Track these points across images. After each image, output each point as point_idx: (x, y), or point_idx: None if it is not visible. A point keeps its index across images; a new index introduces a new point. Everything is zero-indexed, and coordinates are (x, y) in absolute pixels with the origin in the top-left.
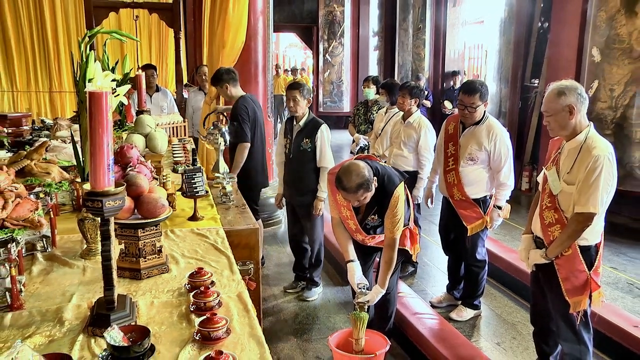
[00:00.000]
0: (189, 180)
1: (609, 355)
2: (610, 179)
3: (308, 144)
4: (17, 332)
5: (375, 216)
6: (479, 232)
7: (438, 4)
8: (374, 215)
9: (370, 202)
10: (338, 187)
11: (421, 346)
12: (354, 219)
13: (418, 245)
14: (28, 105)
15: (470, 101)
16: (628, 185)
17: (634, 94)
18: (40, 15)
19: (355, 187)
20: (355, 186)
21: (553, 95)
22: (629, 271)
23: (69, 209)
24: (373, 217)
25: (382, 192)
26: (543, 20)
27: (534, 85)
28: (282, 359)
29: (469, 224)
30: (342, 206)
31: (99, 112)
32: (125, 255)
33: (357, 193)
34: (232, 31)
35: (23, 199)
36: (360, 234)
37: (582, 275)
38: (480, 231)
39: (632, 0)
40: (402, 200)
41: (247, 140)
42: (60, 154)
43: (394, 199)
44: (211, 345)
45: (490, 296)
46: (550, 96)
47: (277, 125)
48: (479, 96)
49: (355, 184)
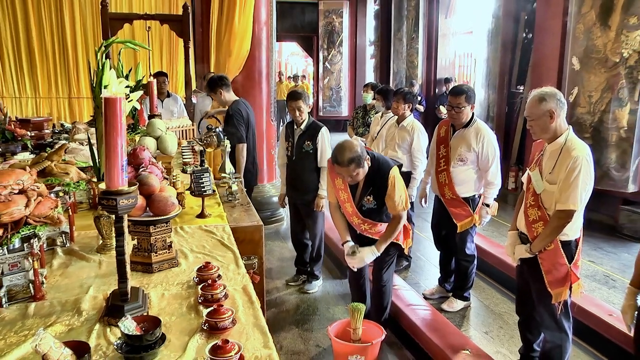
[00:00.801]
0: (197, 180)
1: (587, 341)
2: (588, 178)
3: (310, 146)
4: (40, 320)
5: (371, 197)
6: (468, 229)
7: (430, 15)
8: (369, 196)
9: (366, 182)
10: (333, 162)
11: (415, 335)
12: (350, 201)
13: (410, 239)
14: (49, 110)
15: (457, 102)
16: (605, 185)
17: (609, 100)
18: (62, 27)
19: (347, 160)
20: (347, 160)
21: (535, 101)
22: (605, 264)
23: (86, 207)
24: (368, 199)
25: (377, 173)
26: (527, 31)
27: (520, 91)
28: (285, 347)
29: (459, 222)
30: (339, 190)
31: (113, 117)
32: (138, 250)
33: (349, 167)
34: (238, 40)
35: (44, 198)
36: (357, 216)
37: (563, 268)
38: (469, 228)
39: (606, 15)
40: (399, 181)
41: (243, 141)
42: (78, 155)
43: (390, 179)
44: (218, 335)
45: (479, 288)
46: (532, 102)
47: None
48: (465, 97)
49: (348, 158)
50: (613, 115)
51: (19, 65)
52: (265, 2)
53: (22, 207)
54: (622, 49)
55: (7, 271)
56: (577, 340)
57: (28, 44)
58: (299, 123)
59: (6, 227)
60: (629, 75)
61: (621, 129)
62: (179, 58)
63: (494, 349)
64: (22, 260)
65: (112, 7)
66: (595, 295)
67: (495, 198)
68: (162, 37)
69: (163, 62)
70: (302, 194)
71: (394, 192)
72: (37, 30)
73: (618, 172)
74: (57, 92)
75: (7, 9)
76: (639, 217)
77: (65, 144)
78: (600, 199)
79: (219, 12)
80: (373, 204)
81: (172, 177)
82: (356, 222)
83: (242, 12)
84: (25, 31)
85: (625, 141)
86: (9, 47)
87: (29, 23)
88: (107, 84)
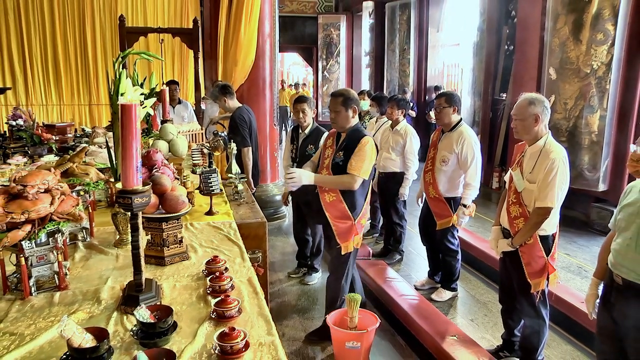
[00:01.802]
0: (206, 180)
1: (561, 326)
2: (565, 178)
3: (312, 149)
4: (64, 308)
5: (341, 153)
6: (448, 227)
7: (420, 29)
8: (340, 151)
9: (344, 139)
10: (330, 95)
11: (406, 323)
12: (330, 156)
13: (359, 236)
14: (72, 116)
15: (438, 102)
16: (579, 184)
17: (582, 107)
18: (84, 41)
19: (338, 93)
20: (339, 93)
21: (525, 102)
22: (579, 257)
23: (104, 205)
24: (339, 153)
25: (354, 133)
26: (509, 44)
27: (502, 98)
28: (287, 334)
29: (439, 220)
30: (326, 148)
31: (129, 122)
32: (151, 245)
33: (337, 98)
34: (243, 51)
35: (67, 196)
36: (326, 169)
37: (541, 261)
38: (449, 227)
39: (577, 30)
40: (368, 150)
41: (248, 145)
42: (97, 157)
43: (361, 142)
44: (225, 323)
45: (466, 279)
46: (523, 103)
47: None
48: (445, 99)
49: (340, 92)
50: (585, 121)
51: (45, 76)
52: (268, 16)
53: (48, 204)
54: (592, 61)
55: (35, 263)
56: (553, 325)
57: (54, 56)
58: (303, 127)
59: (34, 223)
60: (599, 85)
61: (592, 133)
62: (189, 67)
63: (479, 335)
64: (48, 253)
65: (128, 21)
66: (570, 285)
67: (475, 200)
68: (174, 49)
69: (175, 72)
70: (305, 194)
71: (359, 154)
72: (62, 44)
73: (590, 172)
74: (79, 100)
75: (38, 26)
76: (608, 213)
77: (86, 147)
78: (574, 197)
79: (226, 25)
80: (340, 160)
81: (183, 177)
82: (324, 173)
83: (247, 25)
84: (52, 46)
85: (596, 144)
86: (38, 60)
87: (56, 38)
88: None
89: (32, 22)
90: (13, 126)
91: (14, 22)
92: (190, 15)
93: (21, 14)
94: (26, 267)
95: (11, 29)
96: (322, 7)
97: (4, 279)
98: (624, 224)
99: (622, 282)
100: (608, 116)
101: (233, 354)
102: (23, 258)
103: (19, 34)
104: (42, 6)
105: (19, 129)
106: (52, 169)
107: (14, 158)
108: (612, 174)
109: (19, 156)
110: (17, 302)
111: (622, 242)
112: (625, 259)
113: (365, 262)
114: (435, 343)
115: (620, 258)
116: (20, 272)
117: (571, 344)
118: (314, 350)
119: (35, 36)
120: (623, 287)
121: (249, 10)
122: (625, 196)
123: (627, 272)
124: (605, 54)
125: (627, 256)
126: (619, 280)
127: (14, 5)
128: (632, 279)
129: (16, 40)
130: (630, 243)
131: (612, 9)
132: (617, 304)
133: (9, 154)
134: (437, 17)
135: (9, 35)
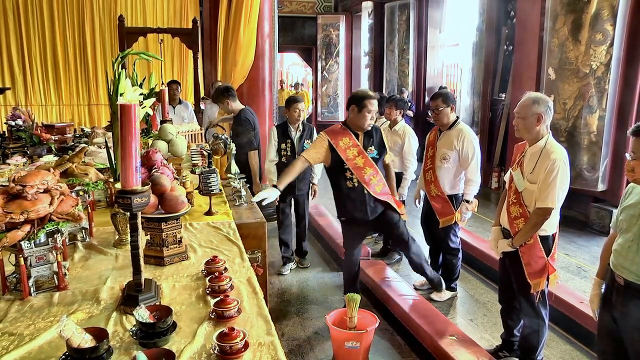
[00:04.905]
0: (205, 180)
1: (561, 326)
2: (565, 179)
3: (309, 143)
4: (63, 308)
5: (373, 147)
6: (451, 225)
7: (420, 29)
8: (371, 147)
9: (366, 135)
10: (366, 97)
11: (406, 323)
12: (362, 152)
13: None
14: (71, 116)
15: (435, 104)
16: (578, 184)
17: (581, 107)
18: (83, 41)
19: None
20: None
21: (529, 101)
22: (578, 257)
23: (104, 205)
24: (371, 149)
25: (374, 128)
26: (508, 44)
27: (501, 98)
28: (286, 334)
29: (441, 218)
30: (347, 148)
31: (128, 122)
32: (150, 245)
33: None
34: (243, 52)
35: (66, 196)
36: (370, 166)
37: (541, 261)
38: (452, 224)
39: (576, 31)
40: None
41: (255, 148)
42: (97, 157)
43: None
44: (224, 323)
45: (465, 279)
46: (527, 102)
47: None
48: (442, 100)
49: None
50: (584, 121)
51: (45, 76)
52: (267, 16)
53: (47, 205)
54: (591, 62)
55: (35, 263)
56: (552, 325)
57: (54, 57)
58: (295, 125)
59: (33, 223)
60: (598, 85)
61: (591, 133)
62: (189, 68)
63: (478, 335)
64: (47, 253)
65: (128, 22)
66: (569, 285)
67: (476, 195)
68: (174, 49)
69: (174, 72)
70: (302, 185)
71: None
72: (61, 44)
73: (589, 172)
74: (78, 100)
75: (37, 26)
76: (607, 213)
77: (85, 147)
78: (573, 198)
79: (225, 25)
80: (375, 153)
81: (182, 177)
82: (369, 172)
83: (246, 25)
84: (51, 46)
85: (595, 145)
86: (37, 60)
87: (55, 39)
88: (123, 92)
89: (31, 22)
90: (12, 126)
91: (13, 22)
92: (190, 15)
93: (20, 14)
94: (25, 267)
95: (10, 29)
96: (321, 8)
97: (3, 279)
98: (625, 225)
99: (623, 282)
100: (607, 116)
101: (232, 354)
102: (22, 258)
103: (19, 34)
104: (41, 6)
105: (18, 129)
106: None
107: (13, 158)
108: (611, 174)
109: (18, 156)
110: (17, 302)
111: (623, 243)
112: (626, 259)
113: (365, 262)
114: (435, 343)
115: (621, 259)
116: (19, 272)
117: (570, 344)
118: (313, 350)
119: (35, 36)
120: (624, 287)
121: (248, 11)
122: (626, 197)
123: (627, 273)
124: (604, 54)
125: (627, 257)
126: (620, 280)
127: (14, 5)
128: (632, 280)
129: (15, 41)
130: (632, 245)
131: (611, 9)
132: (617, 304)
133: (8, 154)
134: (436, 18)
135: (9, 36)
